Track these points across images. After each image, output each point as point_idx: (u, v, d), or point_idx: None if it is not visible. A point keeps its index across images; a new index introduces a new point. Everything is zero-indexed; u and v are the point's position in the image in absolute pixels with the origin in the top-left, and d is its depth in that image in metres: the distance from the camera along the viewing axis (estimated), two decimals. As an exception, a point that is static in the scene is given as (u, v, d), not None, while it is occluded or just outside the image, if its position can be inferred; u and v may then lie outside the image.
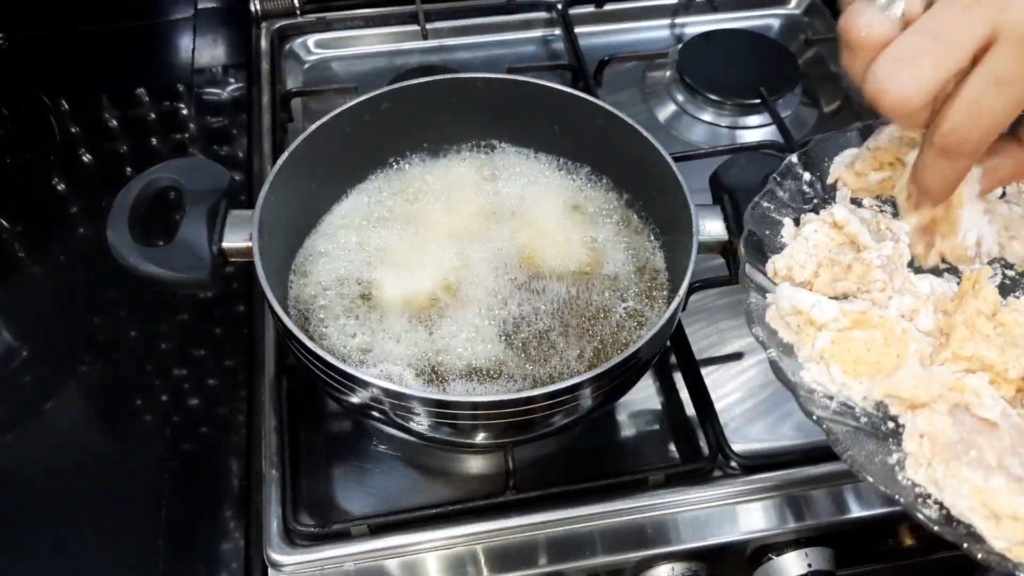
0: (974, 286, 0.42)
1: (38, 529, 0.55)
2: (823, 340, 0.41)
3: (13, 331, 0.66)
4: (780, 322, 0.42)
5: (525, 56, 0.89)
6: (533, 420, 0.49)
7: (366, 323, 0.55)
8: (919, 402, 0.39)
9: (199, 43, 0.87)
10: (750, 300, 0.43)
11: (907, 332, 0.41)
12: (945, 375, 0.39)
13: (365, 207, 0.62)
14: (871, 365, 0.40)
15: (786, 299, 0.42)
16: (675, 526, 0.54)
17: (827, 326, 0.41)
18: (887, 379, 0.39)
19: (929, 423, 0.38)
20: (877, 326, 0.41)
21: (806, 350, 0.41)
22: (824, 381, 0.40)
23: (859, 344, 0.41)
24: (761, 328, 0.42)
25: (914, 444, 0.38)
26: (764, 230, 0.46)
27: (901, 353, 0.40)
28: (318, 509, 0.56)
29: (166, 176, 0.54)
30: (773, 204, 0.47)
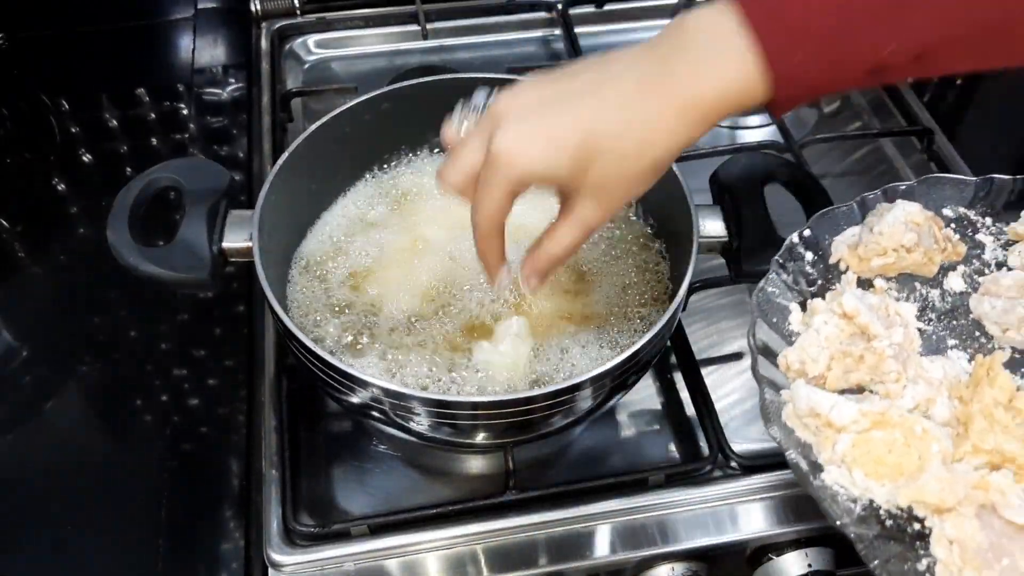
0: (988, 373, 0.42)
1: (38, 529, 0.55)
2: (843, 443, 0.40)
3: (13, 331, 0.66)
4: (797, 422, 0.42)
5: (525, 56, 0.89)
6: (533, 420, 0.49)
7: (366, 322, 0.55)
8: (945, 507, 0.38)
9: (199, 43, 0.87)
10: (765, 396, 0.43)
11: (928, 432, 0.41)
12: (969, 474, 0.39)
13: (365, 207, 0.62)
14: (892, 467, 0.40)
15: (803, 400, 0.42)
16: (675, 526, 0.54)
17: (846, 428, 0.41)
18: (911, 483, 0.39)
19: (957, 529, 0.38)
20: (897, 425, 0.41)
21: (826, 453, 0.41)
22: (846, 484, 0.40)
23: (880, 445, 0.40)
24: (778, 428, 0.42)
25: (943, 551, 0.38)
26: (771, 318, 0.46)
27: (923, 454, 0.40)
28: (318, 509, 0.56)
29: (166, 176, 0.54)
30: (777, 288, 0.47)
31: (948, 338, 0.48)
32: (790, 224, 0.53)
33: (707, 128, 0.40)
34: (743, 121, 0.82)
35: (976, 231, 0.52)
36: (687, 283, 0.50)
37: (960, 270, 0.51)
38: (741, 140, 0.81)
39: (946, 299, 0.50)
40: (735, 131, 0.82)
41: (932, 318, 0.49)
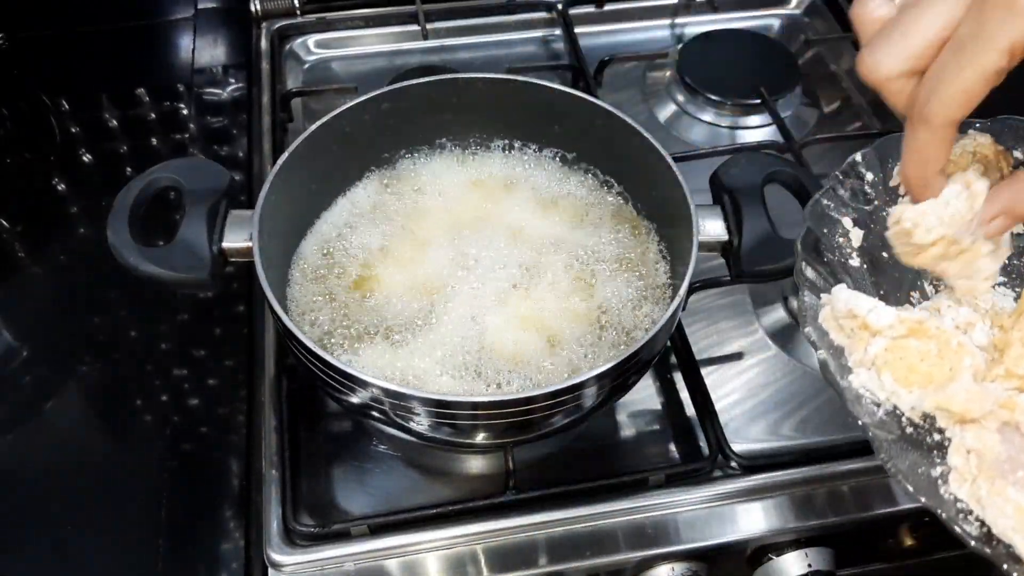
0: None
1: (38, 529, 0.55)
2: (877, 346, 0.40)
3: (13, 331, 0.66)
4: (833, 324, 0.42)
5: (525, 56, 0.89)
6: (533, 420, 0.49)
7: (367, 322, 0.55)
8: (969, 417, 0.38)
9: (199, 43, 0.87)
10: (804, 299, 0.42)
11: (963, 346, 0.40)
12: (997, 391, 0.39)
13: (365, 207, 0.62)
14: (923, 375, 0.40)
15: (843, 301, 0.41)
16: (675, 526, 0.54)
17: (882, 332, 0.40)
18: (938, 391, 0.39)
19: (978, 439, 0.38)
20: (933, 336, 0.40)
21: (858, 354, 0.40)
22: (873, 387, 0.40)
23: (913, 353, 0.40)
24: (813, 328, 0.42)
25: (960, 459, 0.38)
26: (822, 228, 0.46)
27: (955, 366, 0.40)
28: (318, 509, 0.56)
29: (166, 176, 0.54)
30: (833, 202, 0.47)
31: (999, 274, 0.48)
32: (790, 224, 0.53)
33: None
34: (743, 121, 0.82)
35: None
36: (687, 283, 0.50)
37: None
38: (741, 140, 0.81)
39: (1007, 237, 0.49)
40: (735, 131, 0.82)
41: None
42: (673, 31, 0.92)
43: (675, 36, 0.92)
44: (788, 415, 0.61)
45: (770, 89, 0.80)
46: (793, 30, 0.93)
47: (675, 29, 0.93)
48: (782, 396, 0.62)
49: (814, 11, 0.94)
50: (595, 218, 0.61)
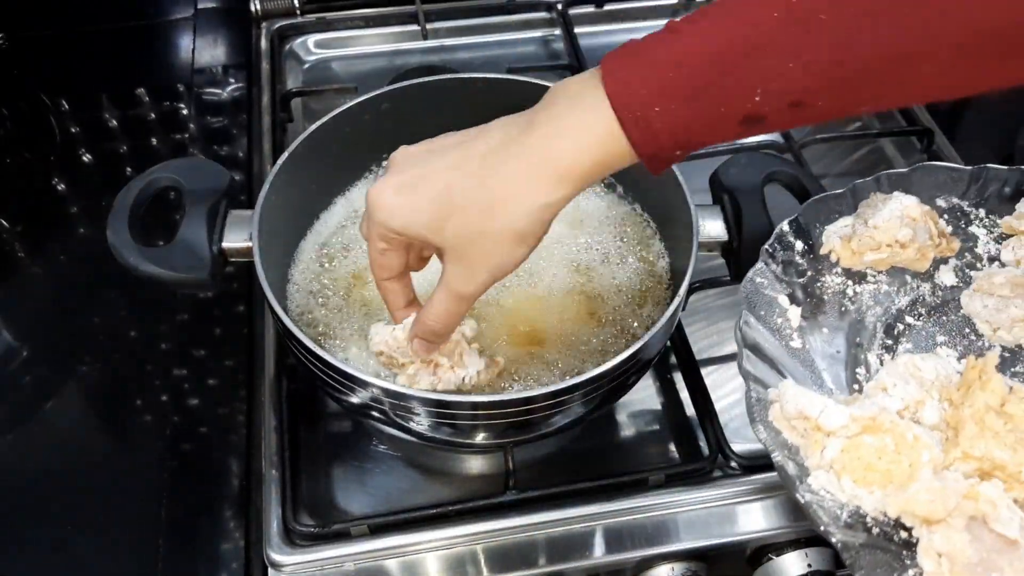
0: (980, 376, 0.41)
1: (38, 529, 0.55)
2: (832, 449, 0.40)
3: (13, 331, 0.66)
4: (784, 424, 0.41)
5: (525, 56, 0.89)
6: (533, 420, 0.49)
7: (367, 322, 0.55)
8: (935, 518, 0.38)
9: (199, 43, 0.87)
10: (751, 395, 0.42)
11: (919, 439, 0.40)
12: (959, 483, 0.38)
13: (364, 207, 0.62)
14: (882, 474, 0.39)
15: (791, 402, 0.41)
16: (675, 526, 0.54)
17: (836, 433, 0.40)
18: (900, 493, 0.38)
19: (947, 541, 0.37)
20: (888, 430, 0.40)
21: (814, 458, 0.40)
22: (834, 490, 0.40)
23: (869, 451, 0.39)
24: (764, 427, 0.41)
25: (931, 563, 0.37)
26: (759, 311, 0.45)
27: (913, 462, 0.39)
28: (318, 509, 0.56)
29: (166, 176, 0.54)
30: (766, 279, 0.47)
31: (938, 335, 0.48)
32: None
33: (570, 191, 0.38)
34: (743, 121, 0.82)
35: (969, 223, 0.51)
36: (687, 283, 0.50)
37: (952, 264, 0.50)
38: (740, 140, 0.81)
39: (937, 293, 0.49)
40: (735, 131, 0.82)
41: (922, 313, 0.49)
42: (673, 31, 0.92)
43: (675, 36, 0.92)
44: (788, 415, 0.61)
45: (770, 89, 0.80)
46: (793, 30, 0.93)
47: (675, 29, 0.92)
48: (782, 396, 0.62)
49: (814, 11, 0.94)
50: (595, 218, 0.61)
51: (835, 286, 0.48)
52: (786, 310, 0.46)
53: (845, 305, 0.48)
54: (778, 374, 0.43)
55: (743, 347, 0.43)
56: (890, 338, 0.47)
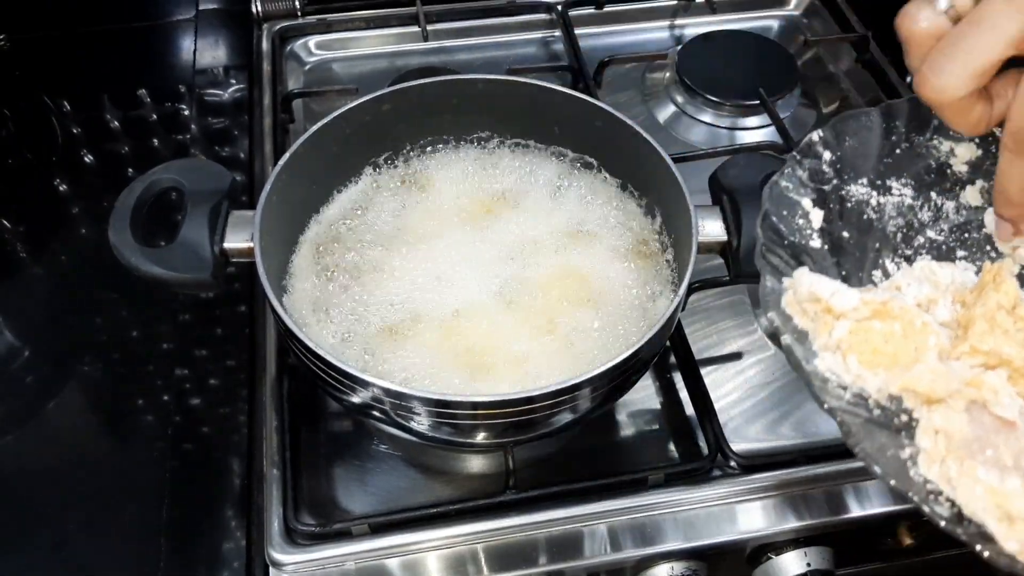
0: (995, 279, 0.41)
1: (38, 529, 0.55)
2: (841, 329, 0.40)
3: (15, 331, 0.66)
4: (796, 308, 0.41)
5: (525, 57, 0.89)
6: (533, 420, 0.49)
7: (368, 321, 0.55)
8: (936, 397, 0.38)
9: (200, 44, 0.87)
10: (766, 284, 0.42)
11: (927, 325, 0.40)
12: (963, 370, 0.39)
13: (365, 207, 0.62)
14: (888, 357, 0.39)
15: (805, 285, 0.41)
16: (674, 525, 0.54)
17: (846, 315, 0.40)
18: (904, 372, 0.39)
19: (945, 419, 0.37)
20: (897, 317, 0.40)
21: (822, 339, 0.40)
22: (839, 371, 0.40)
23: (877, 335, 0.40)
24: (776, 313, 0.41)
25: (928, 440, 0.37)
26: (781, 211, 0.45)
27: (919, 346, 0.40)
28: (319, 508, 0.56)
29: (168, 177, 0.54)
30: (791, 183, 0.46)
31: (958, 249, 0.47)
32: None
33: None
34: (742, 122, 0.83)
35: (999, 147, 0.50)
36: (686, 283, 0.50)
37: (978, 185, 0.49)
38: (740, 141, 0.81)
39: (961, 212, 0.49)
40: (734, 132, 0.82)
41: (944, 229, 0.48)
42: (672, 32, 0.93)
43: (674, 37, 0.92)
44: (787, 415, 0.61)
45: (769, 90, 0.81)
46: (792, 31, 0.94)
47: (674, 30, 0.93)
48: (781, 396, 0.62)
49: (813, 12, 0.94)
50: (595, 219, 0.61)
51: (859, 195, 0.48)
52: (808, 212, 0.46)
53: (868, 213, 0.47)
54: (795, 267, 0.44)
55: (762, 238, 0.43)
56: (909, 248, 0.47)
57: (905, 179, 0.49)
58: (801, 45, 0.90)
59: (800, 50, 0.90)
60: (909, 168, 0.49)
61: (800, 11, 0.95)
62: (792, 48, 0.89)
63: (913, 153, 0.49)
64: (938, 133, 0.49)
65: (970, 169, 0.50)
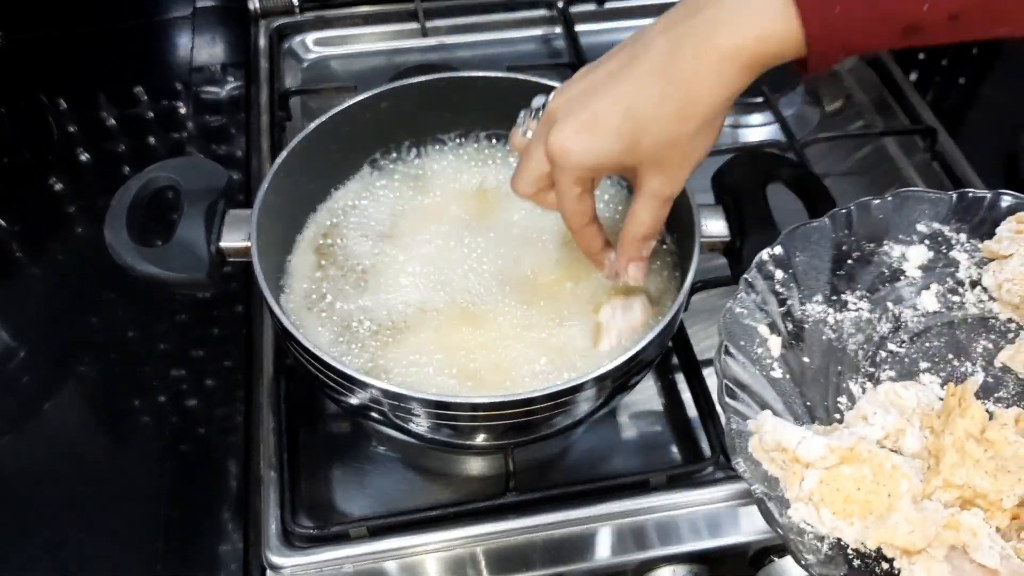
0: (960, 403, 0.41)
1: (37, 529, 0.55)
2: (811, 480, 0.39)
3: (11, 331, 0.66)
4: (764, 455, 0.41)
5: (525, 54, 0.89)
6: (534, 422, 0.48)
7: (366, 321, 0.55)
8: (915, 549, 0.37)
9: (197, 41, 0.87)
10: (731, 427, 0.42)
11: (897, 468, 0.40)
12: (939, 513, 0.38)
13: (363, 206, 0.61)
14: (861, 505, 0.39)
15: (770, 434, 0.41)
16: (677, 528, 0.54)
17: (814, 464, 0.40)
18: (880, 524, 0.38)
19: (927, 572, 0.37)
20: (866, 461, 0.40)
21: (794, 489, 0.40)
22: (814, 522, 0.39)
23: (848, 482, 0.39)
24: (744, 460, 0.41)
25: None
26: (739, 341, 0.45)
27: (892, 492, 0.39)
28: (317, 511, 0.55)
29: (164, 175, 0.54)
30: (746, 309, 0.46)
31: (920, 361, 0.48)
32: (792, 224, 0.52)
33: (747, 80, 0.40)
34: (745, 120, 0.82)
35: (951, 248, 0.51)
36: (689, 283, 0.50)
37: (934, 289, 0.50)
38: (743, 139, 0.81)
39: (919, 320, 0.49)
40: (737, 130, 0.82)
41: (904, 339, 0.48)
42: (674, 29, 0.92)
43: (676, 34, 0.92)
44: (790, 416, 0.61)
45: (772, 88, 0.80)
46: (795, 28, 0.93)
47: (676, 27, 0.92)
48: (784, 397, 0.62)
49: (816, 9, 0.93)
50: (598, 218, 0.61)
51: (816, 314, 0.48)
52: (766, 340, 0.46)
53: (826, 333, 0.48)
54: (759, 405, 0.43)
55: (723, 379, 0.43)
56: (872, 366, 0.47)
57: (860, 291, 0.49)
58: (804, 42, 0.90)
59: (803, 47, 0.89)
60: (863, 278, 0.49)
61: (803, 8, 0.94)
62: (795, 45, 0.88)
63: (865, 262, 0.49)
64: (888, 239, 0.49)
65: (924, 273, 0.50)
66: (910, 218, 0.50)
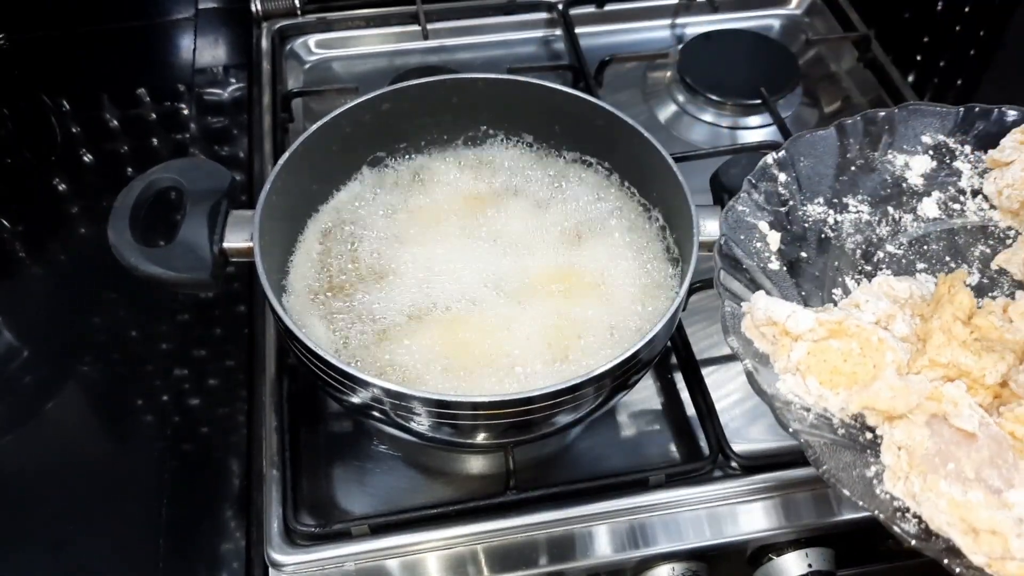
0: (949, 290, 0.42)
1: (38, 529, 0.55)
2: (799, 351, 0.40)
3: (14, 331, 0.66)
4: (755, 332, 0.42)
5: (526, 56, 0.89)
6: (534, 420, 0.49)
7: (367, 321, 0.55)
8: (896, 414, 0.38)
9: (200, 43, 0.87)
10: (725, 308, 0.42)
11: (883, 341, 0.40)
12: (922, 384, 0.39)
13: (364, 206, 0.62)
14: (848, 376, 0.40)
15: (761, 309, 0.41)
16: (675, 526, 0.54)
17: (803, 337, 0.40)
18: (864, 390, 0.39)
19: (907, 435, 0.38)
20: (853, 335, 0.40)
21: (782, 361, 0.40)
22: (800, 392, 0.40)
23: (835, 354, 0.40)
24: (736, 338, 0.41)
25: (892, 457, 0.38)
26: (739, 235, 0.46)
27: (878, 363, 0.40)
28: (319, 509, 0.56)
29: (167, 176, 0.54)
30: (748, 208, 0.47)
31: (918, 262, 0.48)
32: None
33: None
34: (743, 121, 0.82)
35: (954, 158, 0.51)
36: (687, 283, 0.50)
37: (935, 196, 0.50)
38: (742, 140, 0.81)
39: (919, 224, 0.49)
40: (735, 131, 0.82)
41: (903, 242, 0.49)
42: (673, 31, 0.92)
43: (675, 36, 0.92)
44: (788, 415, 0.61)
45: (770, 89, 0.80)
46: (793, 30, 0.93)
47: (675, 29, 0.93)
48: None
49: (814, 11, 0.94)
50: (595, 218, 0.61)
51: (817, 215, 0.48)
52: (766, 235, 0.46)
53: (825, 232, 0.48)
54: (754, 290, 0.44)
55: (720, 264, 0.43)
56: (869, 264, 0.47)
57: (862, 196, 0.49)
58: (803, 44, 0.90)
59: (802, 49, 0.90)
60: (865, 185, 0.49)
61: (802, 10, 0.95)
62: (794, 47, 0.89)
63: (868, 169, 0.49)
64: (892, 148, 0.49)
65: (925, 181, 0.50)
66: (916, 130, 0.50)
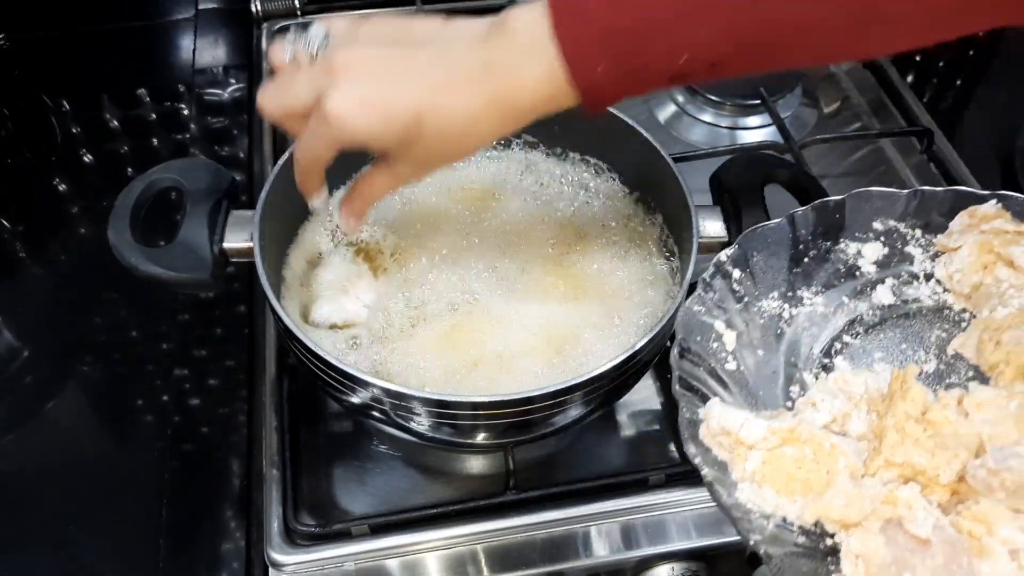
0: (902, 386, 0.42)
1: (38, 529, 0.55)
2: (753, 461, 0.40)
3: (14, 331, 0.66)
4: (712, 440, 0.42)
5: (525, 56, 0.89)
6: (534, 420, 0.49)
7: (367, 321, 0.55)
8: (851, 522, 0.38)
9: (200, 43, 0.87)
10: (684, 415, 0.42)
11: (835, 447, 0.41)
12: (876, 488, 0.39)
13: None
14: (802, 483, 0.40)
15: (715, 419, 0.41)
16: (675, 526, 0.54)
17: (756, 446, 0.41)
18: (818, 499, 0.39)
19: (862, 544, 0.38)
20: (806, 441, 0.41)
21: (739, 470, 0.41)
22: (758, 501, 0.40)
23: (789, 462, 0.40)
24: (695, 446, 0.42)
25: (850, 566, 0.38)
26: (695, 336, 0.46)
27: (831, 469, 0.40)
28: (319, 509, 0.56)
29: (167, 177, 0.54)
30: (704, 307, 0.47)
31: (875, 351, 0.48)
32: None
33: (520, 126, 0.43)
34: (743, 121, 0.82)
35: (906, 243, 0.51)
36: (687, 283, 0.50)
37: (889, 283, 0.50)
38: (741, 140, 0.81)
39: (874, 313, 0.50)
40: (735, 131, 0.82)
41: (860, 331, 0.49)
42: (673, 31, 0.92)
43: (675, 36, 0.92)
44: (788, 415, 0.61)
45: (770, 89, 0.80)
46: (793, 30, 0.93)
47: (675, 29, 0.92)
48: (782, 396, 0.62)
49: (814, 11, 0.94)
50: (594, 218, 0.61)
51: (772, 309, 0.49)
52: (722, 335, 0.47)
53: (781, 327, 0.48)
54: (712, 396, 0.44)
55: (676, 370, 0.44)
56: (827, 357, 0.48)
57: (816, 287, 0.50)
58: (802, 44, 0.90)
59: (801, 49, 0.90)
60: (819, 275, 0.50)
61: (801, 10, 0.94)
62: (793, 47, 0.88)
63: (821, 260, 0.50)
64: (844, 236, 0.50)
65: (879, 268, 0.50)
66: (867, 216, 0.51)
